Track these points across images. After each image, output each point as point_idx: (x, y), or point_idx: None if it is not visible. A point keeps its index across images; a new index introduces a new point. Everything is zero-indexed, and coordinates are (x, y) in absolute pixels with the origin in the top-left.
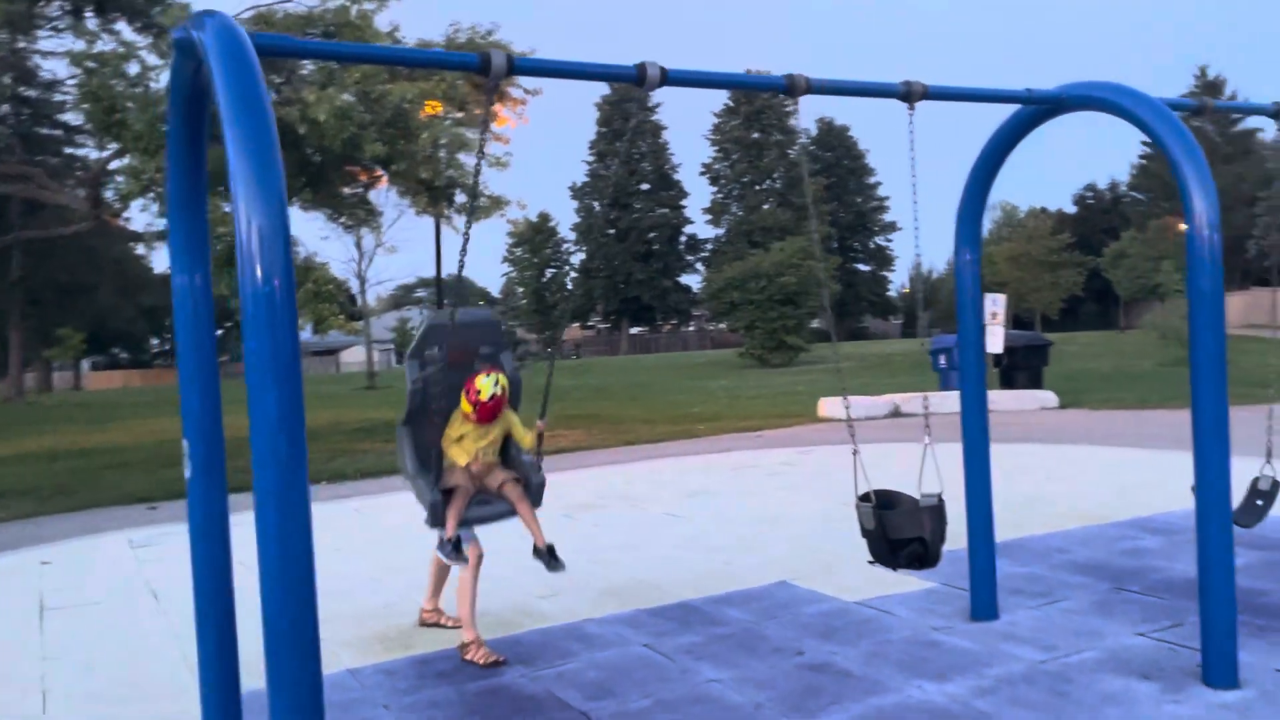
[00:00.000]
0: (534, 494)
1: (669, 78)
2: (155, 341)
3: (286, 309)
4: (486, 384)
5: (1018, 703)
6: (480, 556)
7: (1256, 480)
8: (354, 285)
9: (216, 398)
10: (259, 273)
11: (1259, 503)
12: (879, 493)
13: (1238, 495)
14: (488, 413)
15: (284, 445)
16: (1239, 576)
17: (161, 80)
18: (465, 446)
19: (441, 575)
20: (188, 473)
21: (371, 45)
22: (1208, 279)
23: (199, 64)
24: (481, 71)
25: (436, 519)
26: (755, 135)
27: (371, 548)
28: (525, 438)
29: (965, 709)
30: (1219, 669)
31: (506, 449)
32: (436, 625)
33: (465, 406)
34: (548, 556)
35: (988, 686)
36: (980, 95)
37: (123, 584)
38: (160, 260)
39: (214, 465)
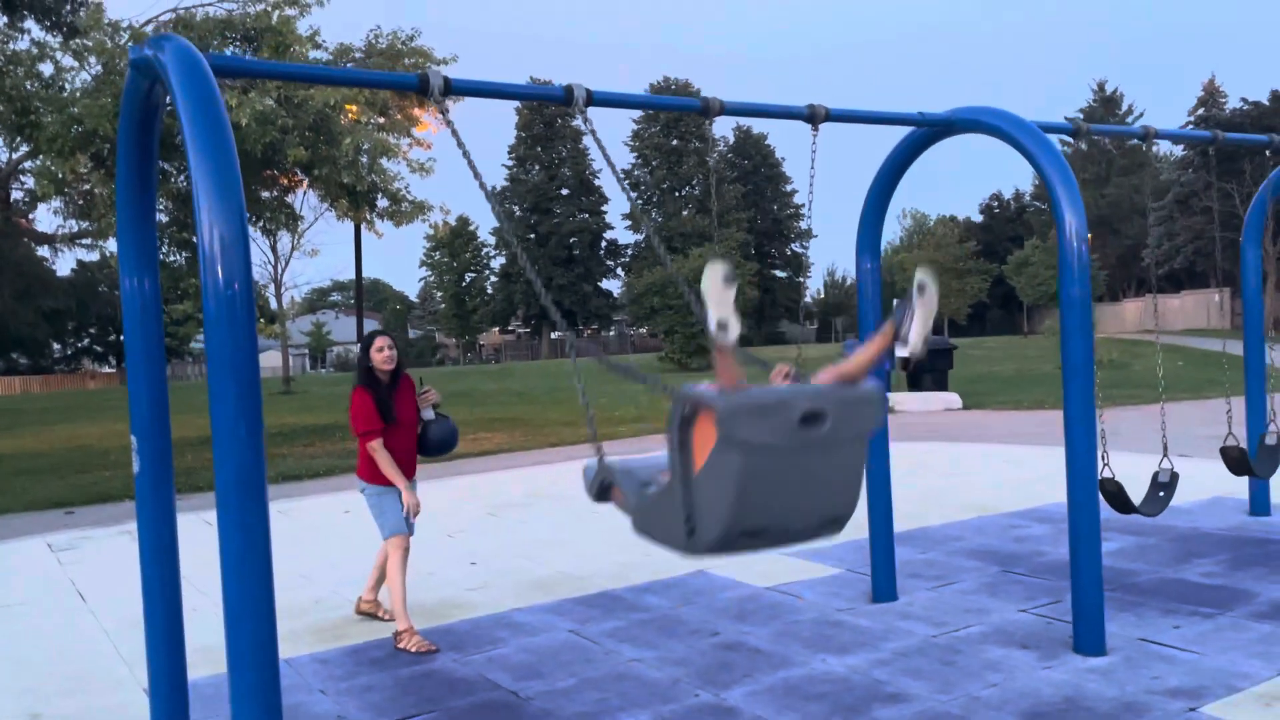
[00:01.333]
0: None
1: (594, 99)
2: (57, 347)
3: (246, 310)
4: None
5: (910, 672)
6: (407, 550)
7: (1156, 474)
8: (270, 289)
9: (164, 395)
10: (220, 277)
11: (1161, 494)
12: None
13: (1139, 488)
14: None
15: (244, 433)
16: (1114, 559)
17: (77, 82)
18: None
19: (384, 569)
20: (136, 468)
21: (318, 67)
22: (1077, 286)
23: (154, 82)
24: (421, 91)
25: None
26: (674, 142)
27: (297, 547)
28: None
29: (864, 678)
30: (1088, 638)
31: None
32: (373, 616)
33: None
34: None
35: (885, 658)
36: (878, 118)
37: (47, 586)
38: (65, 263)
39: (162, 461)
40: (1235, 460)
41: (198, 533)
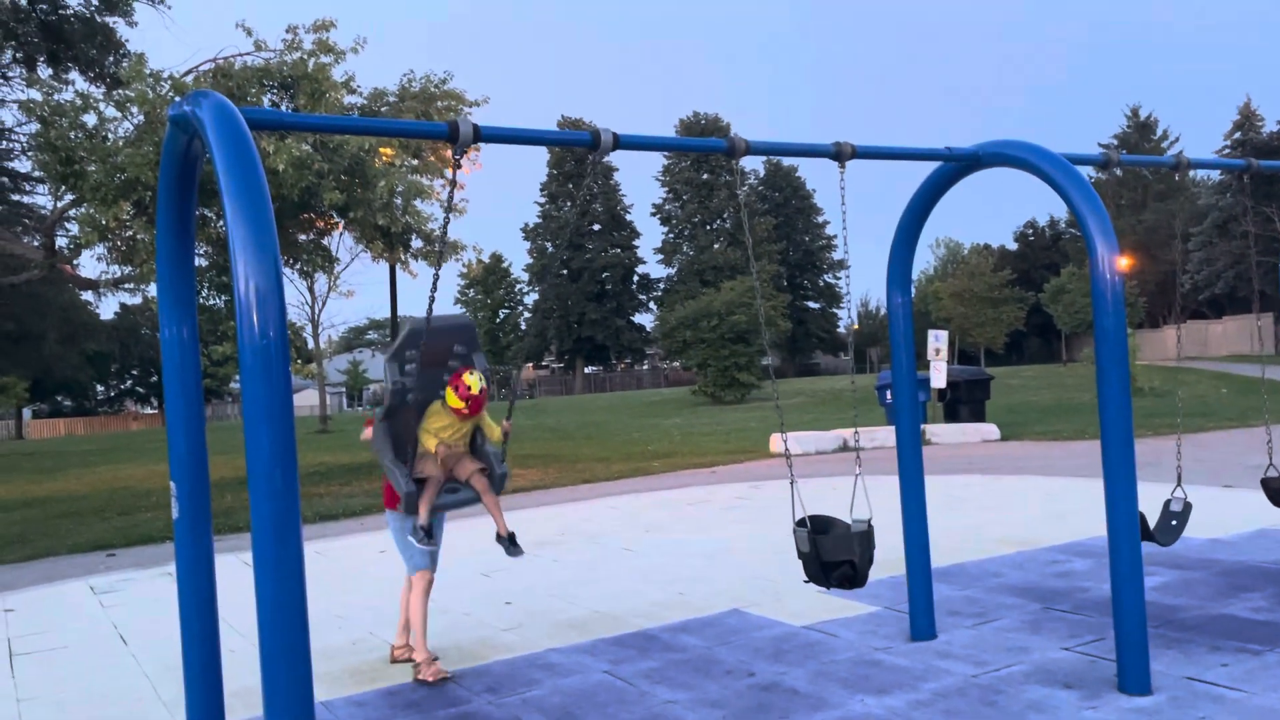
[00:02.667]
0: (497, 484)
1: (620, 142)
2: (100, 389)
3: (280, 358)
4: (474, 380)
5: (950, 713)
6: (430, 582)
7: (1168, 502)
8: (307, 329)
9: (202, 442)
10: (256, 326)
11: (1173, 523)
12: (815, 518)
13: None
14: (479, 406)
15: (279, 479)
16: (1158, 594)
17: (119, 131)
18: (441, 436)
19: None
20: (175, 513)
21: (349, 118)
22: (1110, 318)
23: (192, 137)
24: (450, 140)
25: (411, 507)
26: (705, 176)
27: (334, 588)
28: (494, 431)
29: None
30: (1133, 677)
31: (474, 443)
32: (408, 661)
33: (455, 401)
34: (508, 543)
35: (924, 699)
36: (905, 154)
37: (89, 629)
38: (109, 308)
39: (200, 506)
40: (1277, 492)
41: (236, 574)
